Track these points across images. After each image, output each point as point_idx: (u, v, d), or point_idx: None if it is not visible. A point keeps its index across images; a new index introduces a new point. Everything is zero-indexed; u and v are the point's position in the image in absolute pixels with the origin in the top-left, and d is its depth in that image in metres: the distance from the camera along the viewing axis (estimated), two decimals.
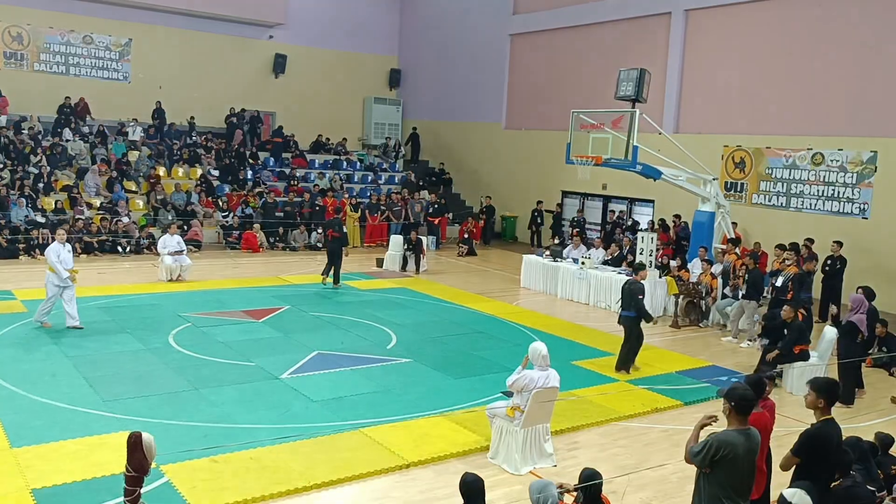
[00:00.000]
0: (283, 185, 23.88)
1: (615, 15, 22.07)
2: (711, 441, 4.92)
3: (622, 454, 8.15)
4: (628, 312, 10.99)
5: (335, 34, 28.59)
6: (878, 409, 10.13)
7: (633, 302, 10.90)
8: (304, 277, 17.16)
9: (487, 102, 26.70)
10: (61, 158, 21.55)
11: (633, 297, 10.92)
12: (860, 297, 10.61)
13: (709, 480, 4.97)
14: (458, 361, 11.17)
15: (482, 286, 17.39)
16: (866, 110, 16.84)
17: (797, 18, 18.00)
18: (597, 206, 23.28)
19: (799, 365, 10.49)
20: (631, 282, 11.18)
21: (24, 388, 9.06)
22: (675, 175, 16.01)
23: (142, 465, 4.84)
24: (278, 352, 11.12)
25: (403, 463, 7.52)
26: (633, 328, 10.97)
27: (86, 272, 16.63)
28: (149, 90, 24.92)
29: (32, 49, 23.32)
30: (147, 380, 9.62)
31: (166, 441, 7.25)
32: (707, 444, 4.93)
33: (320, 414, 8.72)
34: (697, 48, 20.21)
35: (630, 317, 10.98)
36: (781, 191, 18.33)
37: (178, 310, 13.37)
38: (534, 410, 7.50)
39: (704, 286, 14.57)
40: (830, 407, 5.41)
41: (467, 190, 27.61)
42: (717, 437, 4.96)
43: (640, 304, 10.95)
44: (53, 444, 7.47)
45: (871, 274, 15.56)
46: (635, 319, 10.97)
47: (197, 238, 20.12)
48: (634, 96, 15.26)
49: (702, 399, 9.94)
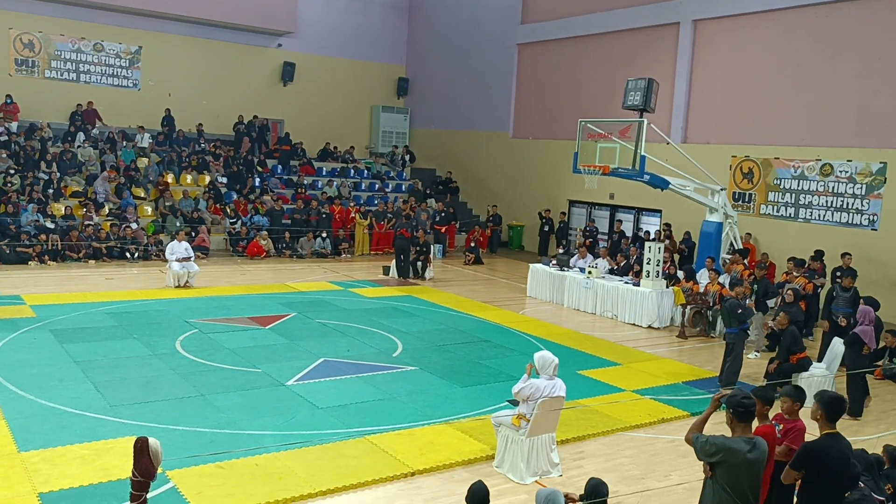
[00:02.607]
0: (291, 193, 23.96)
1: (623, 25, 22.12)
2: (715, 439, 4.96)
3: (628, 464, 8.12)
4: (731, 329, 11.11)
5: (343, 43, 28.73)
6: (888, 422, 10.07)
7: (732, 319, 11.06)
8: (310, 285, 17.19)
9: (495, 111, 26.76)
10: (71, 165, 21.69)
11: (731, 313, 11.07)
12: (866, 309, 10.57)
13: (714, 488, 4.97)
14: (463, 370, 11.16)
15: (488, 295, 17.39)
16: (875, 121, 16.81)
17: (805, 29, 18.01)
18: (604, 216, 23.27)
19: (805, 376, 10.45)
20: (726, 298, 11.43)
21: (32, 392, 9.10)
22: (683, 185, 16.01)
23: (148, 470, 4.86)
24: (284, 358, 11.14)
25: (409, 471, 7.51)
26: (736, 344, 11.06)
27: (94, 278, 16.77)
28: (158, 97, 25.09)
29: (43, 56, 23.51)
30: (154, 385, 9.64)
31: (172, 446, 7.28)
32: (710, 439, 4.98)
33: (326, 421, 8.73)
34: (705, 58, 20.23)
35: (732, 333, 11.10)
36: (790, 202, 18.30)
37: (185, 316, 13.41)
38: (540, 419, 7.48)
39: (712, 296, 14.53)
40: (831, 421, 5.33)
41: (474, 198, 27.65)
42: (722, 438, 5.00)
43: (742, 317, 11.05)
44: (61, 449, 7.49)
45: (880, 285, 15.52)
46: (738, 336, 11.06)
47: (204, 244, 20.19)
48: (642, 106, 15.28)
49: None
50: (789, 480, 5.36)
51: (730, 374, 11.00)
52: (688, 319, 14.58)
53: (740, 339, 11.11)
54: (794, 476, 5.29)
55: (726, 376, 11.01)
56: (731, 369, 11.03)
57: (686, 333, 14.37)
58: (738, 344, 11.08)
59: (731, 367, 11.04)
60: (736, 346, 11.05)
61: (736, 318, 11.03)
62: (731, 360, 11.06)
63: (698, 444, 5.02)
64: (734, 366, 11.04)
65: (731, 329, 11.12)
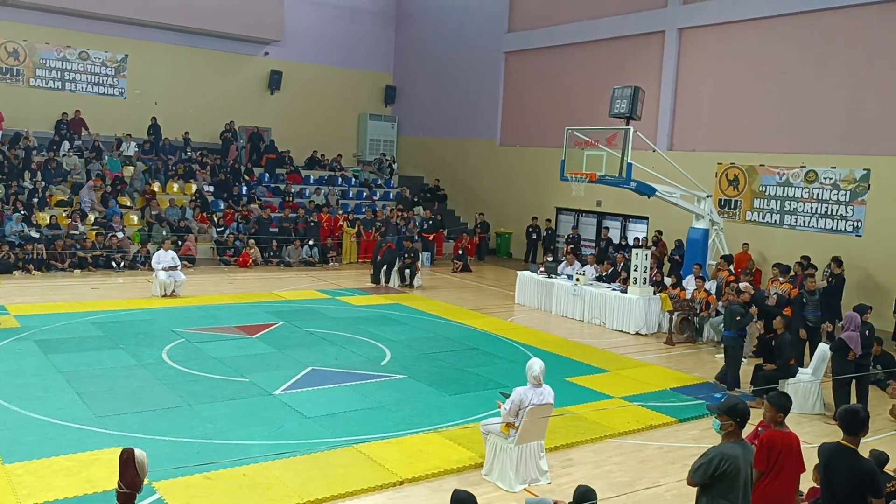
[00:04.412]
0: (278, 201, 23.91)
1: (609, 33, 22.26)
2: (712, 455, 4.93)
3: (616, 471, 8.13)
4: (729, 333, 11.30)
5: (330, 51, 28.75)
6: (874, 428, 10.10)
7: (732, 323, 11.24)
8: (298, 293, 17.13)
9: (482, 119, 26.83)
10: (56, 174, 21.55)
11: (731, 318, 11.26)
12: (852, 315, 10.64)
13: (708, 499, 4.95)
14: (452, 378, 11.14)
15: (477, 302, 17.39)
16: (859, 128, 16.97)
17: (790, 37, 18.18)
18: (591, 223, 23.35)
19: (792, 382, 10.51)
20: (731, 302, 11.59)
21: (16, 403, 9.00)
22: (670, 192, 16.10)
23: (134, 481, 4.80)
24: (272, 368, 11.09)
25: (397, 479, 7.49)
26: (733, 348, 11.24)
27: (79, 287, 16.65)
28: (144, 106, 24.99)
29: (28, 65, 23.37)
30: (140, 395, 9.57)
31: (159, 457, 7.22)
32: (707, 458, 4.93)
33: (314, 430, 8.69)
34: (691, 66, 20.38)
35: (731, 337, 11.28)
36: (775, 208, 18.43)
37: (171, 325, 13.33)
38: (528, 427, 7.48)
39: (699, 303, 14.60)
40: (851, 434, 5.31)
41: (462, 206, 27.69)
42: (717, 450, 4.96)
43: (741, 325, 11.23)
44: (45, 461, 7.42)
45: (864, 291, 15.64)
46: (736, 339, 11.25)
47: (191, 253, 20.10)
48: (628, 114, 15.37)
49: (696, 416, 9.93)
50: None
51: (732, 379, 11.19)
52: (675, 326, 14.64)
53: (738, 344, 11.30)
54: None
55: (730, 382, 11.19)
56: (731, 374, 11.21)
57: (673, 340, 14.42)
58: (736, 348, 11.28)
59: (731, 371, 11.22)
60: (734, 350, 11.24)
61: (735, 324, 11.21)
62: (729, 365, 11.25)
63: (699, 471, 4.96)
64: (733, 370, 11.22)
65: (728, 332, 11.30)
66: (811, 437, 9.19)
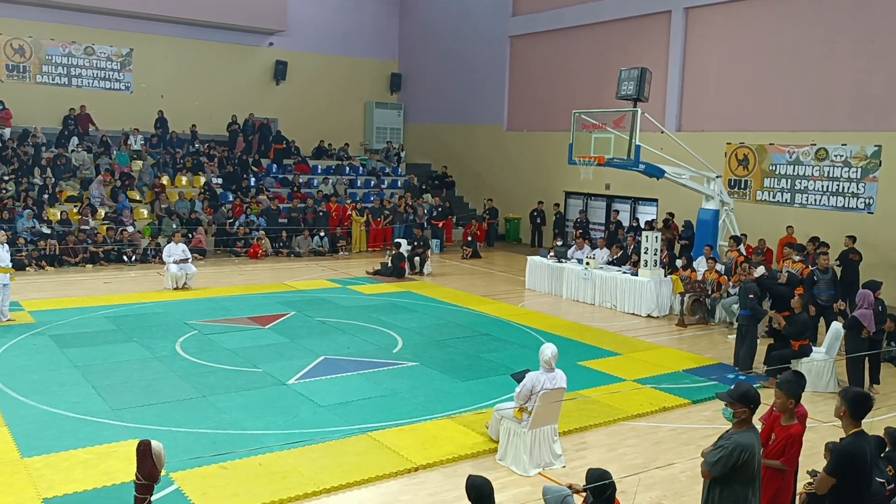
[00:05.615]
0: (287, 192, 23.94)
1: (615, 14, 22.08)
2: (730, 446, 4.83)
3: (630, 453, 8.15)
4: (745, 311, 11.17)
5: (335, 40, 28.66)
6: (888, 405, 10.10)
7: (745, 301, 11.11)
8: (309, 283, 17.18)
9: (489, 105, 26.72)
10: (65, 169, 21.64)
11: (745, 296, 11.13)
12: (865, 293, 10.58)
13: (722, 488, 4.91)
14: (464, 364, 11.17)
15: (487, 288, 17.39)
16: (869, 105, 16.81)
17: (798, 14, 17.99)
18: (600, 207, 23.27)
19: (806, 361, 10.48)
20: (745, 281, 11.44)
21: (33, 398, 9.10)
22: (679, 173, 16.00)
23: (151, 472, 4.85)
24: (285, 357, 11.15)
25: (412, 466, 7.53)
26: (748, 327, 11.11)
27: (91, 282, 16.75)
28: (151, 99, 25.02)
29: (34, 61, 23.42)
30: (155, 388, 9.65)
31: (175, 448, 7.30)
32: (725, 449, 4.83)
33: (328, 419, 8.74)
34: (698, 46, 20.21)
35: (746, 315, 11.15)
36: (786, 187, 18.31)
37: (184, 318, 13.41)
38: (541, 412, 7.50)
39: (710, 284, 14.55)
40: (856, 419, 5.05)
41: (470, 192, 27.64)
42: (734, 440, 4.86)
43: (753, 304, 11.07)
44: (63, 454, 7.49)
45: (877, 268, 15.51)
46: (751, 318, 11.11)
47: (201, 246, 20.17)
48: (636, 95, 15.25)
49: (709, 397, 9.91)
50: (825, 489, 5.04)
51: (745, 360, 11.08)
52: (686, 308, 14.61)
53: (753, 324, 11.14)
54: (830, 483, 4.99)
55: (742, 362, 11.09)
56: (747, 354, 11.10)
57: (685, 322, 14.39)
58: (752, 328, 11.12)
59: (746, 352, 11.11)
60: (749, 329, 11.10)
61: (749, 302, 11.06)
62: (746, 346, 11.12)
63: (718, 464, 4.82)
64: (749, 351, 11.12)
65: (744, 311, 11.18)
66: (825, 416, 9.17)
